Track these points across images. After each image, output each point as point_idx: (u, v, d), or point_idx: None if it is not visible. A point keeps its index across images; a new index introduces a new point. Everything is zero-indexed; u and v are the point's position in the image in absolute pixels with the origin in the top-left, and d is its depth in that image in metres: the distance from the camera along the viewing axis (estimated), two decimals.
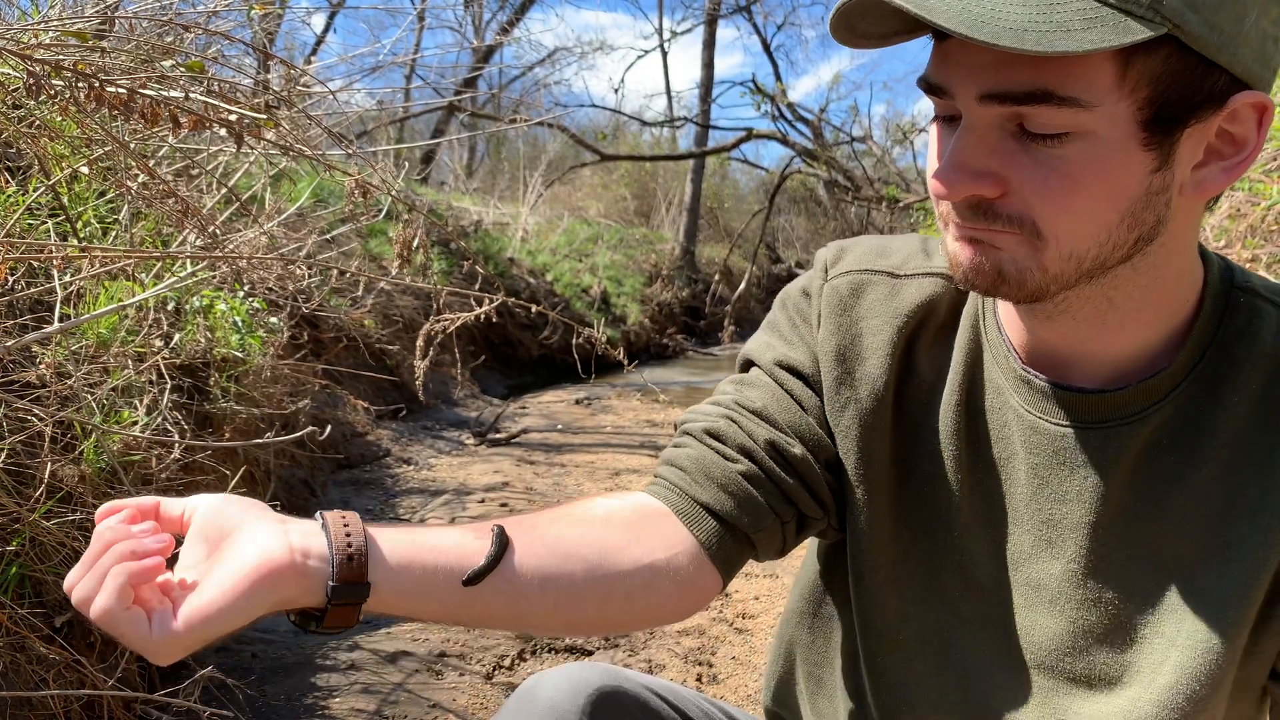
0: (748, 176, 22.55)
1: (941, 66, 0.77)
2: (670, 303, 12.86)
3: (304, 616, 0.79)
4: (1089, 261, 0.77)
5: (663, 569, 0.91)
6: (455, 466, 5.04)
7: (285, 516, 0.80)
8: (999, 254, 0.78)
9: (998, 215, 0.77)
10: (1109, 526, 0.87)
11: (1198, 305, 0.85)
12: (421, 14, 14.95)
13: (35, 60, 1.66)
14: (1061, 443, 0.88)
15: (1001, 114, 0.74)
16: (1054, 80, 0.71)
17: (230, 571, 0.74)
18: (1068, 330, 0.86)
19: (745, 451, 0.96)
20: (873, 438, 0.97)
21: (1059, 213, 0.75)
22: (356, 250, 6.54)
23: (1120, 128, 0.73)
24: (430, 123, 16.03)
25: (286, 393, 3.97)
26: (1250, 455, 0.82)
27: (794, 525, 0.99)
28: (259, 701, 2.31)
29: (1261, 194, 4.66)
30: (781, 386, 1.00)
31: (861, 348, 0.98)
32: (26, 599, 1.85)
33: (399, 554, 0.81)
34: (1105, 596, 0.88)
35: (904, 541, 0.98)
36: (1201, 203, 0.79)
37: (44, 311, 2.26)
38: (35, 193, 2.31)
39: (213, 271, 2.98)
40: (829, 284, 1.01)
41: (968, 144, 0.76)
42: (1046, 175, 0.74)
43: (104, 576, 0.72)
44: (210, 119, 1.81)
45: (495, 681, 2.55)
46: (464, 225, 9.86)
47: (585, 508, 0.94)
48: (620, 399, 7.60)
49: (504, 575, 0.84)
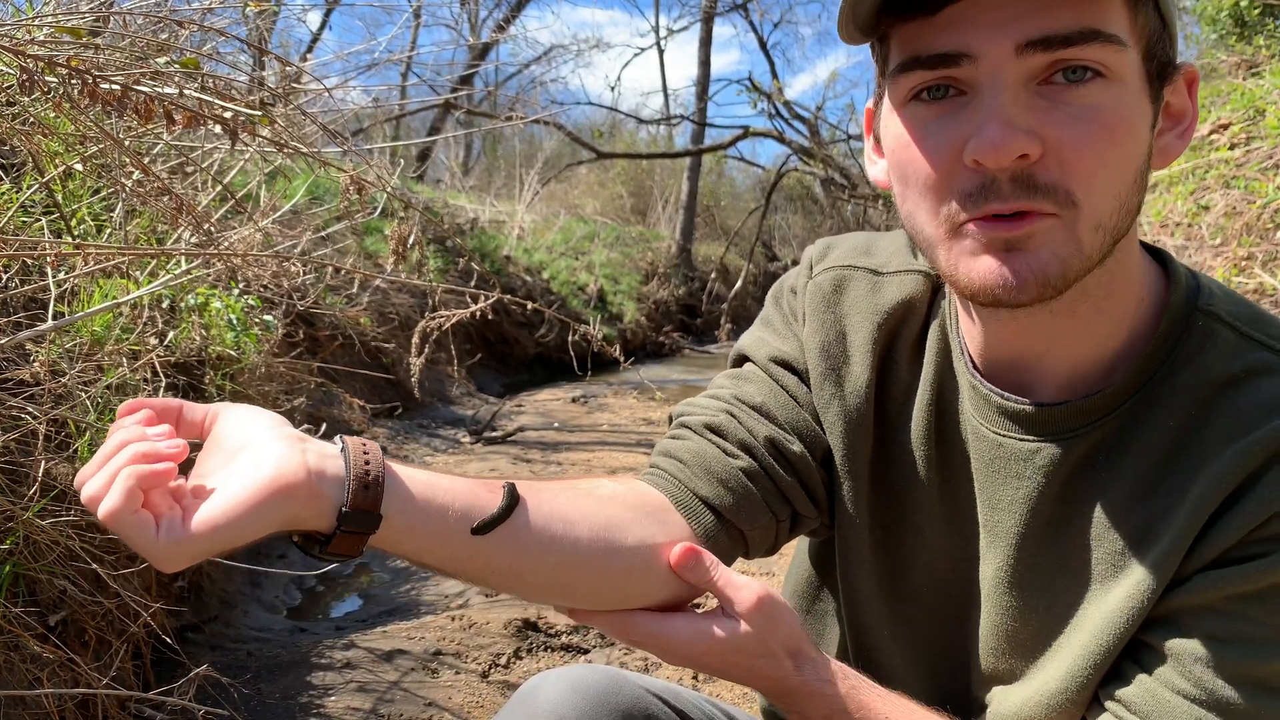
0: (744, 174, 22.57)
1: (961, 27, 0.74)
2: (666, 301, 12.85)
3: (308, 540, 0.78)
4: (1110, 233, 0.76)
5: (660, 556, 0.91)
6: (451, 465, 5.04)
7: (306, 435, 0.79)
8: (1038, 256, 0.75)
9: (1036, 186, 0.74)
10: (1038, 538, 0.87)
11: (1155, 324, 0.84)
12: (417, 11, 14.92)
13: (29, 56, 1.65)
14: (998, 451, 0.88)
15: (1040, 65, 0.73)
16: (1096, 18, 0.72)
17: (243, 484, 0.73)
18: (1040, 328, 0.84)
19: (746, 448, 0.96)
20: (856, 435, 0.97)
21: (1096, 169, 0.74)
22: (352, 248, 6.53)
23: (1136, 75, 0.75)
24: (426, 120, 16.02)
25: (282, 391, 3.96)
26: (1169, 480, 0.81)
27: (788, 524, 0.99)
28: (254, 700, 2.31)
29: (1258, 192, 4.67)
30: (778, 382, 1.00)
31: (845, 345, 0.98)
32: (20, 598, 1.84)
33: (414, 491, 0.80)
34: (1029, 605, 0.88)
35: (879, 540, 0.99)
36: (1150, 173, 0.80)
37: (38, 309, 2.25)
38: (29, 190, 2.30)
39: (207, 269, 2.97)
40: (813, 280, 1.01)
41: (1009, 100, 0.73)
42: (1086, 125, 0.73)
43: (114, 477, 0.71)
44: (205, 116, 1.81)
45: (491, 680, 2.55)
46: (460, 223, 9.85)
47: (591, 484, 0.94)
48: (617, 397, 7.60)
49: (512, 529, 0.84)
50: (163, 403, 0.78)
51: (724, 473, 0.95)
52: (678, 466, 0.97)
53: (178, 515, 0.71)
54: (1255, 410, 0.78)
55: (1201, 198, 5.13)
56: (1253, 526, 0.76)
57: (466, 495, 0.83)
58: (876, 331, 0.96)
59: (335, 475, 0.76)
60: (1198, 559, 0.78)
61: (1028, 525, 0.87)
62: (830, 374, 0.98)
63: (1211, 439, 0.79)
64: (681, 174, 16.14)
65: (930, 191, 0.78)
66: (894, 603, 0.99)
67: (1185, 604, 0.79)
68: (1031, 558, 0.88)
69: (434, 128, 15.10)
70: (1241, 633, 0.76)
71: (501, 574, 0.87)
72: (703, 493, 0.95)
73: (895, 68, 0.78)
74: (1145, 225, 5.42)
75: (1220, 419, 0.79)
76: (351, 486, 0.76)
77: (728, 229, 17.79)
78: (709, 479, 0.95)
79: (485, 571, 0.86)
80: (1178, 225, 5.14)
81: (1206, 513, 0.77)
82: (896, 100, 0.80)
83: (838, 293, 0.99)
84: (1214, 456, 0.78)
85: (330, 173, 3.01)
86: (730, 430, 0.97)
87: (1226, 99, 5.92)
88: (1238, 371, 0.80)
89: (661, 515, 0.93)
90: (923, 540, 0.96)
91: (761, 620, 0.89)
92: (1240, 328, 0.82)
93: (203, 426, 0.79)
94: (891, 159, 0.83)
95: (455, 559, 0.84)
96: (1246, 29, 7.31)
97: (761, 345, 1.04)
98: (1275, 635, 0.75)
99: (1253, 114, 5.42)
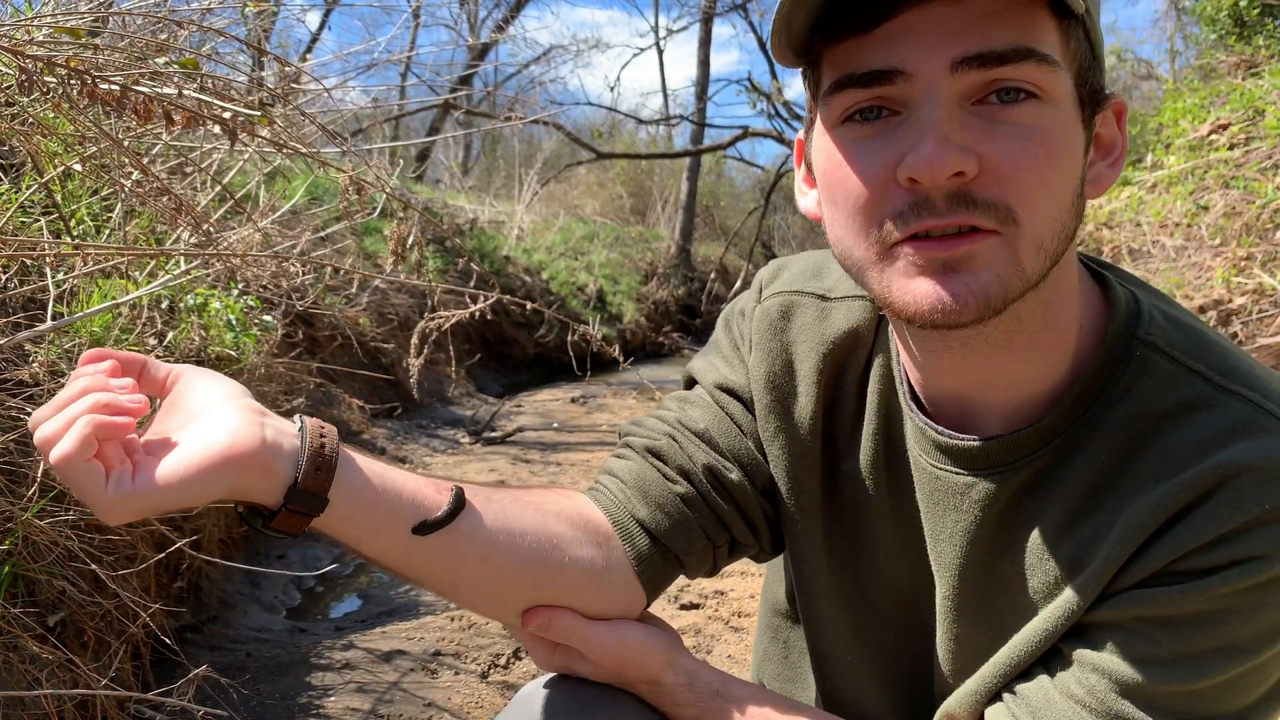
0: (744, 175, 22.56)
1: (895, 45, 0.72)
2: (666, 301, 12.85)
3: (252, 512, 0.78)
4: (1049, 256, 0.75)
5: (597, 578, 0.92)
6: (450, 465, 5.03)
7: (267, 410, 0.80)
8: (978, 277, 0.73)
9: (975, 202, 0.72)
10: (980, 566, 0.87)
11: (1094, 354, 0.82)
12: (417, 11, 14.91)
13: (28, 57, 1.65)
14: (936, 484, 0.88)
15: (975, 83, 0.71)
16: (1031, 38, 0.71)
17: (196, 448, 0.73)
18: (977, 361, 0.82)
19: (685, 474, 0.96)
20: (802, 468, 0.97)
21: (1036, 187, 0.72)
22: (351, 248, 6.53)
23: (1070, 99, 0.74)
24: (425, 120, 16.01)
25: (281, 391, 3.96)
26: (1099, 512, 0.80)
27: (725, 549, 1.00)
28: (254, 701, 2.31)
29: (1257, 192, 4.67)
30: (722, 409, 1.00)
31: (792, 375, 0.97)
32: (20, 598, 1.84)
33: (363, 481, 0.81)
34: (976, 631, 0.89)
35: (837, 567, 0.99)
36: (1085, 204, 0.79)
37: (37, 309, 2.25)
38: (28, 190, 2.30)
39: (207, 269, 2.97)
40: (761, 305, 1.00)
41: (945, 117, 0.71)
42: (1023, 144, 0.72)
43: (72, 422, 0.71)
44: (204, 116, 1.80)
45: (490, 680, 2.55)
46: (459, 223, 9.85)
47: (539, 497, 0.94)
48: (616, 397, 7.60)
49: (454, 535, 0.84)
50: (128, 355, 0.79)
51: (661, 497, 0.95)
52: (619, 486, 0.97)
53: (128, 469, 0.72)
54: (1187, 448, 0.77)
55: (1201, 198, 5.14)
56: (1172, 559, 0.76)
57: (415, 494, 0.84)
58: (823, 361, 0.96)
59: (290, 452, 0.77)
60: (1118, 585, 0.79)
61: (968, 556, 0.87)
62: (776, 405, 0.97)
63: (1142, 475, 0.78)
64: (681, 174, 16.14)
65: (860, 212, 0.76)
66: (857, 625, 0.99)
67: (1098, 619, 0.80)
68: (975, 585, 0.88)
69: (433, 128, 15.10)
70: (1143, 653, 0.77)
71: (437, 578, 0.87)
72: (640, 515, 0.95)
73: (828, 88, 0.76)
74: (1145, 226, 5.42)
75: (1153, 455, 0.78)
76: (304, 466, 0.76)
77: (727, 229, 17.80)
78: (646, 503, 0.95)
79: (421, 572, 0.87)
80: (1177, 225, 5.14)
81: (1133, 545, 0.78)
82: (829, 122, 0.78)
83: (785, 319, 0.98)
84: (1143, 492, 0.78)
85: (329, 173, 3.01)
86: (671, 455, 0.97)
87: (1226, 99, 5.92)
88: (1172, 406, 0.79)
89: (601, 538, 0.94)
90: (878, 564, 0.97)
91: (615, 664, 0.93)
92: (1179, 358, 0.80)
93: (164, 384, 0.80)
94: (822, 182, 0.81)
95: (393, 555, 0.84)
96: (1246, 29, 7.32)
97: (709, 370, 1.03)
98: (1174, 660, 0.76)
99: (1252, 114, 5.42)
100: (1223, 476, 0.74)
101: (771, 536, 1.01)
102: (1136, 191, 5.81)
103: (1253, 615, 0.75)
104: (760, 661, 1.15)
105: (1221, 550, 0.74)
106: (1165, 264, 4.91)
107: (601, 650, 0.92)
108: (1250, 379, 0.79)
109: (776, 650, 1.12)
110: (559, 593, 0.91)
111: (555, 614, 0.91)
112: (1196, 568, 0.75)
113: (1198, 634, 0.76)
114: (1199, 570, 0.75)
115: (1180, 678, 0.76)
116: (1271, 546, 0.73)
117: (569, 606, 0.92)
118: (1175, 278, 4.64)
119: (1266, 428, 0.75)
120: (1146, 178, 5.85)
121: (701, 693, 0.94)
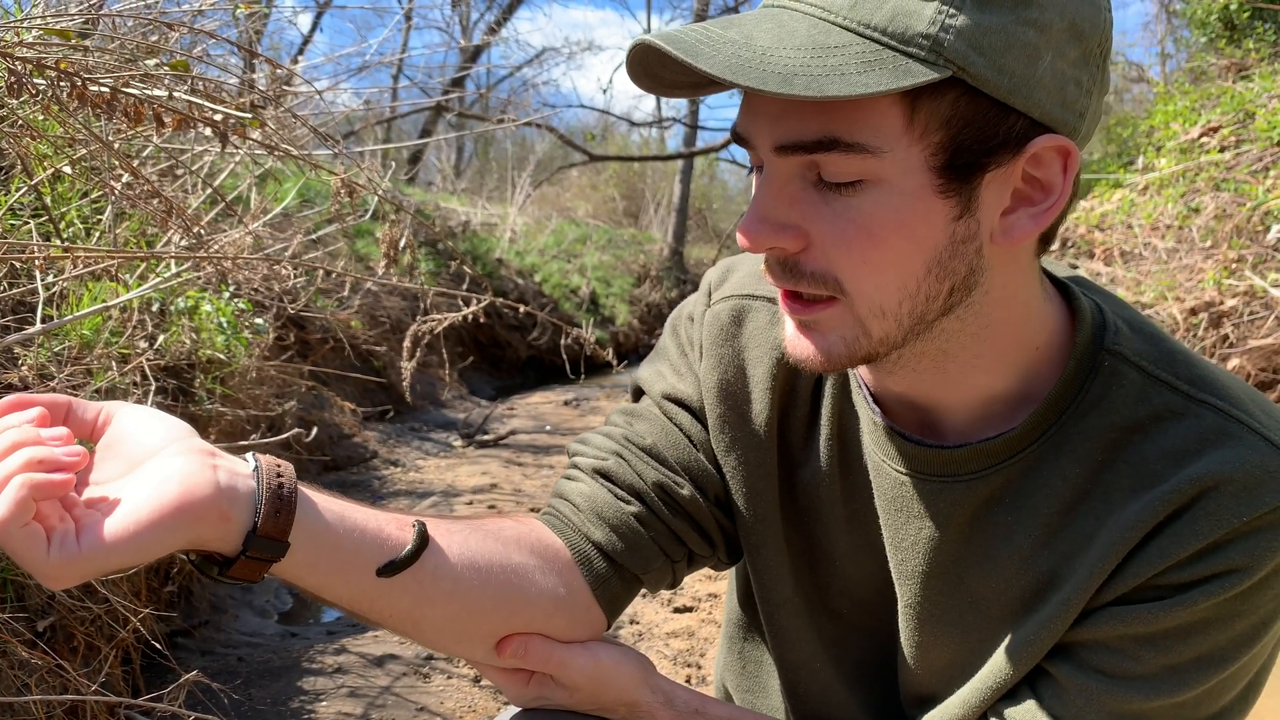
0: (736, 177, 22.61)
1: (745, 116, 0.74)
2: (659, 303, 12.85)
3: (206, 560, 0.73)
4: (905, 317, 0.75)
5: (561, 605, 0.91)
6: (443, 468, 5.02)
7: (214, 448, 0.74)
8: (825, 339, 0.77)
9: (802, 273, 0.74)
10: (944, 576, 0.87)
11: (1061, 367, 0.82)
12: (409, 14, 14.92)
13: (17, 59, 1.64)
14: (900, 490, 0.87)
15: (798, 164, 0.72)
16: (840, 127, 0.69)
17: (146, 500, 0.67)
18: (913, 381, 0.83)
19: (635, 493, 0.95)
20: (759, 476, 0.96)
21: (859, 264, 0.73)
22: (343, 251, 6.52)
23: (914, 175, 0.71)
24: (417, 123, 16.00)
25: (272, 394, 3.95)
26: (1075, 525, 0.80)
27: (684, 563, 0.99)
28: (245, 706, 2.30)
29: (1248, 195, 4.69)
30: (671, 420, 0.99)
31: (745, 381, 0.96)
32: (9, 603, 1.83)
33: (323, 523, 0.77)
34: (941, 639, 0.89)
35: (798, 573, 0.98)
36: (1020, 248, 0.76)
37: (26, 313, 2.24)
38: (17, 193, 2.28)
39: (198, 272, 2.96)
40: (711, 310, 0.98)
41: (769, 195, 0.74)
42: (844, 227, 0.72)
43: (4, 484, 0.63)
44: (195, 118, 1.80)
45: (483, 685, 2.54)
46: (451, 226, 9.84)
47: (496, 526, 0.92)
48: (609, 400, 7.59)
49: (418, 573, 0.82)
50: (50, 398, 0.71)
51: (615, 519, 0.94)
52: (572, 510, 0.96)
53: (71, 529, 0.65)
54: (1161, 459, 0.77)
55: (1192, 200, 5.15)
56: (1153, 574, 0.76)
57: (377, 532, 0.80)
58: (776, 367, 0.94)
59: (246, 495, 0.71)
60: (1100, 600, 0.79)
61: (932, 565, 0.87)
62: (730, 414, 0.96)
63: (1117, 487, 0.78)
64: (673, 177, 16.15)
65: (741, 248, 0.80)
66: (821, 628, 0.99)
67: (1082, 638, 0.80)
68: (939, 594, 0.87)
69: (425, 130, 15.08)
70: (1128, 670, 0.78)
71: (400, 618, 0.85)
72: (596, 539, 0.94)
73: (730, 133, 0.79)
74: (1136, 228, 5.43)
75: (1126, 466, 0.78)
76: (263, 509, 0.71)
77: (720, 231, 17.83)
78: (600, 526, 0.94)
79: (384, 614, 0.83)
80: (1168, 228, 5.16)
81: (1114, 561, 0.78)
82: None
83: (736, 324, 0.96)
84: (1120, 506, 0.78)
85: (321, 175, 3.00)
86: (620, 475, 0.95)
87: (1216, 102, 5.95)
88: (1143, 417, 0.79)
89: (560, 565, 0.92)
90: (836, 569, 0.96)
91: (592, 686, 0.91)
92: (1147, 368, 0.80)
93: (94, 426, 0.73)
94: None
95: (355, 599, 0.81)
96: (1236, 32, 7.36)
97: (657, 380, 1.01)
98: (1158, 673, 0.77)
99: (1242, 117, 5.44)
100: (1200, 489, 0.75)
101: (727, 546, 1.00)
102: (1128, 194, 5.83)
103: (1230, 624, 0.76)
104: (722, 671, 1.14)
105: (1202, 564, 0.75)
106: (1156, 266, 4.93)
107: (579, 673, 0.90)
108: (1218, 388, 0.79)
109: (735, 660, 1.11)
110: (528, 623, 0.89)
111: (530, 639, 0.89)
112: (1177, 582, 0.76)
113: (1179, 645, 0.77)
114: (1180, 585, 0.76)
115: (1165, 691, 0.77)
116: (1248, 558, 0.74)
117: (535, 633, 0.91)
118: (1166, 280, 4.66)
119: (1237, 436, 0.76)
120: (1138, 180, 5.87)
121: (681, 712, 0.93)
